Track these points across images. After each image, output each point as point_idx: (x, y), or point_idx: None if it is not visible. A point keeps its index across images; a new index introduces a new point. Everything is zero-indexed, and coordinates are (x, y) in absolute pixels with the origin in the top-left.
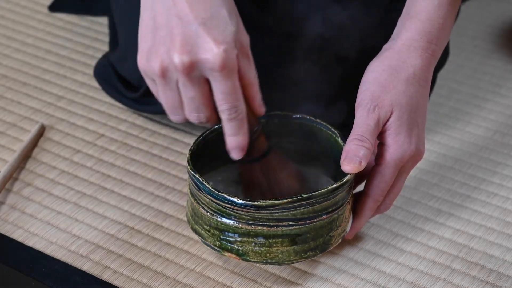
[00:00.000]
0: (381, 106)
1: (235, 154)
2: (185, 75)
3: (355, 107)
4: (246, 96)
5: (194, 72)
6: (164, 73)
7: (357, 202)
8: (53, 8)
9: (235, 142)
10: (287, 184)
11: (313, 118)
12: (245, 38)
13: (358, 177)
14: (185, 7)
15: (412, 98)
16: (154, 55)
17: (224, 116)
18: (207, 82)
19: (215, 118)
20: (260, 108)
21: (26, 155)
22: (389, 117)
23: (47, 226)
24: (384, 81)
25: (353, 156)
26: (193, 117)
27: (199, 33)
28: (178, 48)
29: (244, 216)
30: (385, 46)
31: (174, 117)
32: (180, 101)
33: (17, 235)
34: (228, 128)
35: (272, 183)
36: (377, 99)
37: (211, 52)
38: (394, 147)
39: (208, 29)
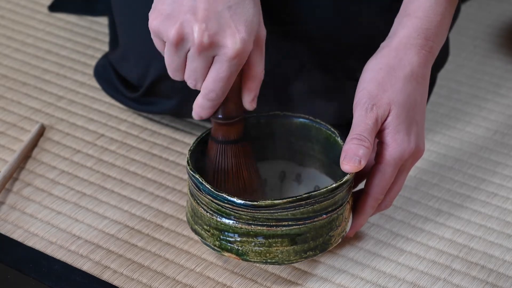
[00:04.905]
0: (379, 105)
1: (195, 115)
2: (199, 51)
3: (353, 107)
4: (244, 86)
5: (208, 52)
6: (178, 42)
7: (358, 201)
8: (53, 8)
9: (199, 109)
10: (247, 176)
11: (313, 118)
12: (263, 32)
13: (358, 176)
14: None
15: (410, 96)
16: (173, 20)
17: (202, 92)
18: (213, 58)
19: None
20: (251, 104)
21: (26, 155)
22: (387, 116)
23: (47, 226)
24: (381, 79)
25: (352, 156)
26: (190, 83)
27: (223, 15)
28: (200, 23)
29: (243, 216)
30: (382, 44)
31: (173, 77)
32: (183, 65)
33: (17, 235)
34: (200, 101)
35: (237, 169)
36: (374, 97)
37: (231, 40)
38: (393, 146)
39: (232, 14)
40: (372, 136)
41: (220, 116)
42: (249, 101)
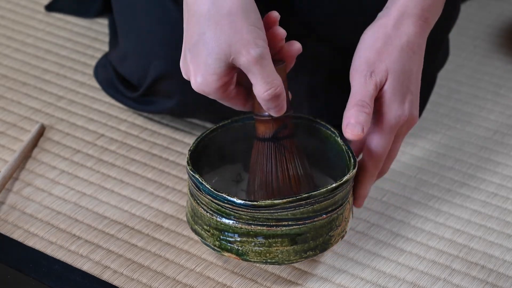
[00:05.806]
0: (377, 72)
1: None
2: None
3: (350, 73)
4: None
5: None
6: None
7: (358, 172)
8: (49, 7)
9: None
10: (289, 174)
11: (312, 118)
12: (242, 58)
13: (357, 146)
14: (185, 27)
15: (405, 65)
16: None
17: None
18: None
19: None
20: (272, 114)
21: (26, 155)
22: (384, 84)
23: (47, 226)
24: (379, 48)
25: (355, 124)
26: None
27: (187, 57)
28: (180, 61)
29: (243, 216)
30: (379, 14)
31: None
32: None
33: (17, 235)
34: None
35: (278, 165)
36: (372, 65)
37: (191, 80)
38: (388, 115)
39: (191, 56)
40: (372, 102)
41: (254, 112)
42: (267, 111)
